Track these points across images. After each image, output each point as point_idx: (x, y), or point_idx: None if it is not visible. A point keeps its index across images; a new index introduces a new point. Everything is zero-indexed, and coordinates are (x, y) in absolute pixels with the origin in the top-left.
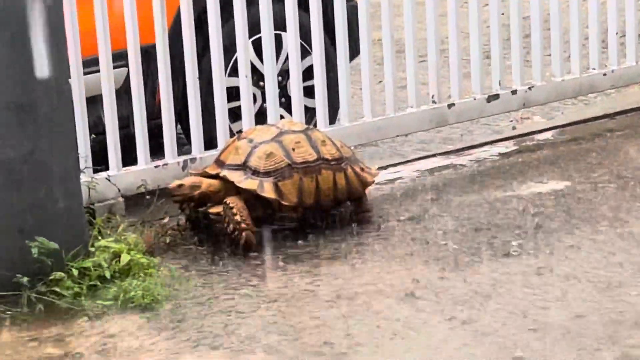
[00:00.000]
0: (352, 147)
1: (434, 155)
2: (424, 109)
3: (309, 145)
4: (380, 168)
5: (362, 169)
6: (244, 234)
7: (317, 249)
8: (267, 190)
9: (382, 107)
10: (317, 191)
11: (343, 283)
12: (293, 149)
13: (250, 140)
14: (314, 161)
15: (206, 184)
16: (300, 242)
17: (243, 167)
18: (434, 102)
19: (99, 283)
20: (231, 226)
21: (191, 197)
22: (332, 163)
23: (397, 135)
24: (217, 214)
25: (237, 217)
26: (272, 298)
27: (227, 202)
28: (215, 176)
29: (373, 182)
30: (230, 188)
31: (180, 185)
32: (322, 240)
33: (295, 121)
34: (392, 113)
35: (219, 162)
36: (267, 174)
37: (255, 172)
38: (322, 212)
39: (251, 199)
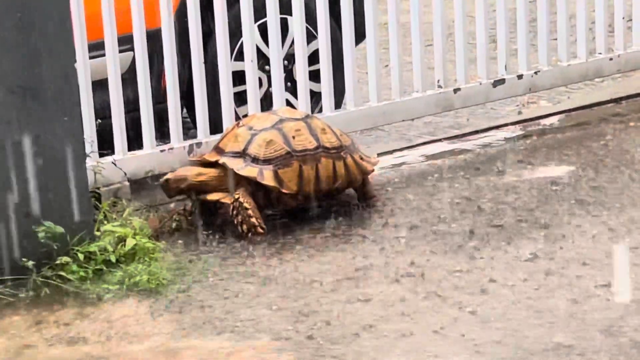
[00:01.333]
0: (358, 132)
1: (439, 140)
2: (430, 93)
3: (309, 133)
4: (386, 153)
5: (362, 158)
6: (258, 238)
7: (320, 235)
8: (267, 178)
9: (388, 92)
10: (317, 179)
11: (347, 268)
12: (293, 137)
13: (250, 128)
14: (314, 149)
15: (192, 175)
16: (303, 228)
17: (242, 154)
18: (439, 86)
19: (104, 267)
20: (244, 226)
21: (180, 190)
22: (332, 151)
23: (403, 120)
24: (218, 201)
25: (254, 220)
26: (277, 283)
27: (239, 198)
28: (215, 163)
29: (372, 170)
30: (225, 175)
31: (167, 180)
32: (326, 227)
33: (294, 109)
34: (398, 97)
35: (218, 149)
36: (267, 161)
37: (255, 160)
38: (323, 199)
39: (251, 186)
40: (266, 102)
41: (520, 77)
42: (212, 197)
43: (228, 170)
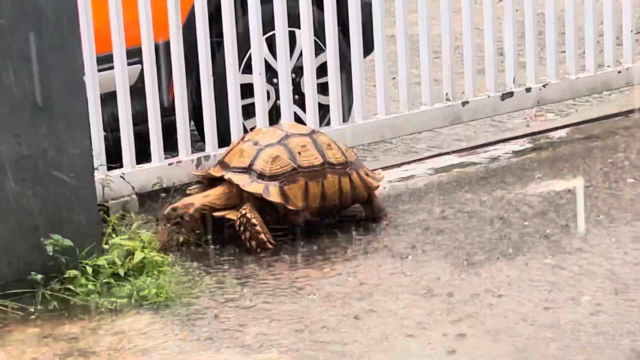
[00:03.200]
0: (366, 144)
1: (448, 153)
2: (438, 106)
3: (315, 149)
4: (394, 166)
5: (367, 174)
6: (267, 253)
7: (329, 251)
8: (273, 195)
9: (396, 105)
10: (323, 195)
11: (357, 283)
12: (299, 153)
13: (256, 143)
14: (320, 165)
15: (200, 199)
16: (311, 244)
17: (248, 170)
18: (448, 99)
19: (112, 281)
20: (253, 242)
21: (189, 215)
22: (338, 167)
23: (411, 133)
24: (228, 219)
25: (262, 236)
26: (287, 298)
27: (246, 214)
28: (220, 179)
29: (377, 186)
30: (231, 191)
31: (175, 209)
32: (334, 242)
33: (300, 124)
34: (406, 110)
35: (223, 164)
36: (273, 177)
37: (261, 176)
38: (329, 215)
39: (256, 202)
40: (274, 115)
41: (528, 90)
42: (218, 214)
43: (233, 186)
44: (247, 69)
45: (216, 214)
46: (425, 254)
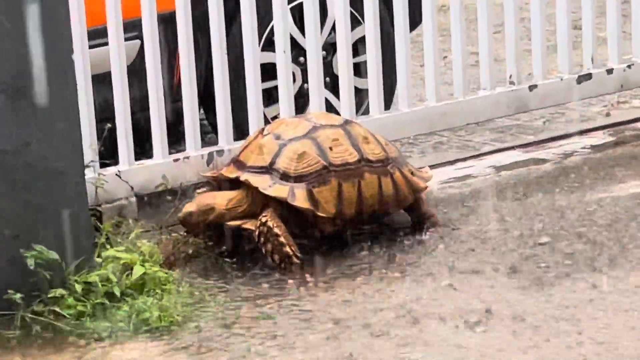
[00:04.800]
0: (412, 138)
1: (512, 148)
2: (500, 91)
3: (349, 143)
4: (446, 163)
5: (412, 172)
6: (293, 267)
7: (366, 267)
8: (300, 199)
9: (449, 89)
10: (360, 199)
11: (400, 305)
12: (330, 148)
13: (278, 137)
14: (356, 163)
15: (222, 203)
16: (345, 259)
17: (269, 169)
18: (512, 83)
19: (106, 301)
20: (275, 256)
21: (209, 223)
22: (377, 165)
23: (467, 124)
24: (245, 229)
25: (287, 249)
26: (315, 324)
27: (267, 222)
28: (235, 180)
29: (426, 187)
30: (249, 198)
31: (190, 214)
32: (372, 256)
33: (330, 114)
34: (461, 96)
35: (239, 163)
36: (299, 178)
37: (285, 177)
38: (367, 223)
39: (279, 208)
40: (300, 102)
41: (610, 71)
42: (233, 223)
43: (251, 190)
44: (269, 45)
45: (231, 223)
46: (485, 271)
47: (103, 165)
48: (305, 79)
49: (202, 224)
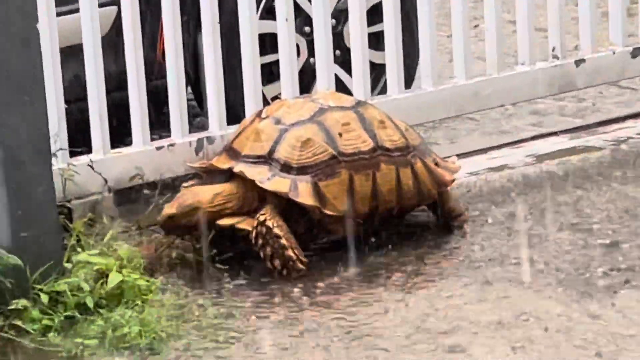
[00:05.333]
0: (437, 122)
1: (554, 134)
2: (541, 67)
3: (362, 128)
4: (478, 152)
5: (437, 163)
6: (297, 274)
7: (383, 274)
8: (304, 194)
9: (481, 65)
10: (374, 194)
11: (422, 320)
12: (340, 134)
13: (278, 121)
14: (370, 151)
15: (208, 200)
16: (358, 264)
17: (267, 159)
18: (555, 57)
19: (77, 314)
20: (276, 261)
21: (193, 224)
22: (395, 154)
23: (503, 105)
24: (239, 229)
25: (290, 253)
26: (322, 339)
27: (265, 221)
28: (227, 172)
29: (452, 180)
30: (244, 192)
31: (171, 218)
32: (388, 262)
33: (341, 94)
34: (496, 73)
35: (232, 152)
36: (302, 170)
37: (286, 168)
38: (383, 222)
39: (280, 205)
40: (306, 79)
41: None
42: (224, 222)
43: (246, 183)
44: (268, 12)
45: (222, 221)
46: (525, 279)
47: (73, 154)
48: (311, 53)
49: (186, 227)
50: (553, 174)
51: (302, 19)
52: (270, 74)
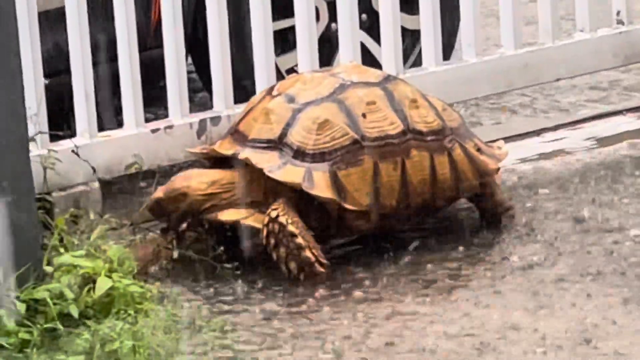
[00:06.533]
0: (481, 99)
1: (619, 112)
2: (604, 34)
3: (390, 107)
4: (530, 134)
5: (479, 149)
6: (316, 278)
7: (413, 278)
8: (320, 186)
9: (533, 32)
10: (404, 186)
11: (461, 328)
12: (363, 115)
13: (291, 99)
14: (399, 135)
15: (198, 186)
16: (386, 266)
17: (278, 144)
18: (620, 22)
19: (60, 326)
20: (292, 264)
21: (183, 213)
22: (429, 139)
23: (559, 79)
24: (247, 227)
25: (307, 253)
26: (342, 351)
27: (278, 217)
28: (232, 158)
29: (498, 169)
30: (251, 182)
31: (157, 203)
32: (422, 265)
33: (365, 67)
34: (550, 41)
35: (238, 135)
36: (318, 157)
37: (300, 154)
38: (415, 218)
39: (294, 198)
40: (326, 48)
41: None
42: (227, 217)
43: (253, 172)
44: None
45: (224, 217)
46: (581, 282)
47: (55, 139)
48: (333, 17)
49: (176, 216)
50: (618, 159)
51: None
52: (285, 42)
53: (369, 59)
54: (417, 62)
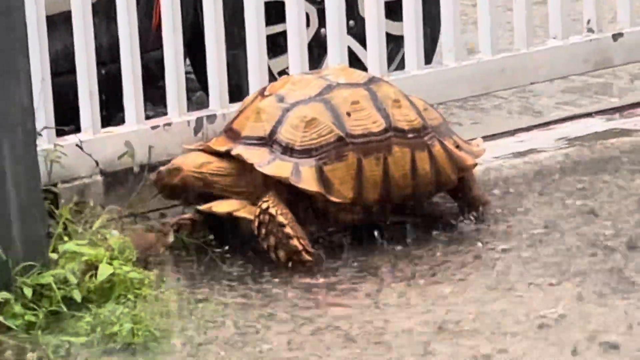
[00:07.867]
0: (460, 101)
1: (589, 115)
2: (575, 41)
3: (374, 106)
4: (504, 134)
5: (458, 146)
6: (303, 266)
7: (394, 268)
8: (307, 180)
9: (508, 38)
10: (386, 181)
11: (441, 319)
12: (348, 114)
13: (281, 99)
14: (381, 132)
15: (191, 163)
16: (366, 257)
17: (269, 141)
18: (590, 30)
19: (64, 309)
20: (281, 253)
21: (173, 188)
22: (410, 136)
23: (532, 83)
24: (239, 219)
25: (295, 242)
26: (336, 337)
27: (268, 209)
28: (226, 154)
29: (474, 165)
30: (243, 176)
31: (159, 175)
32: (402, 255)
33: (351, 69)
34: (524, 47)
35: (232, 133)
36: (306, 152)
37: (288, 150)
38: (397, 211)
39: (283, 191)
40: (316, 52)
41: None
42: (220, 208)
43: (245, 166)
44: None
45: (218, 209)
46: (551, 276)
47: (60, 134)
48: (322, 23)
49: (169, 189)
50: (587, 159)
51: None
52: (276, 46)
53: (356, 64)
54: (401, 66)
